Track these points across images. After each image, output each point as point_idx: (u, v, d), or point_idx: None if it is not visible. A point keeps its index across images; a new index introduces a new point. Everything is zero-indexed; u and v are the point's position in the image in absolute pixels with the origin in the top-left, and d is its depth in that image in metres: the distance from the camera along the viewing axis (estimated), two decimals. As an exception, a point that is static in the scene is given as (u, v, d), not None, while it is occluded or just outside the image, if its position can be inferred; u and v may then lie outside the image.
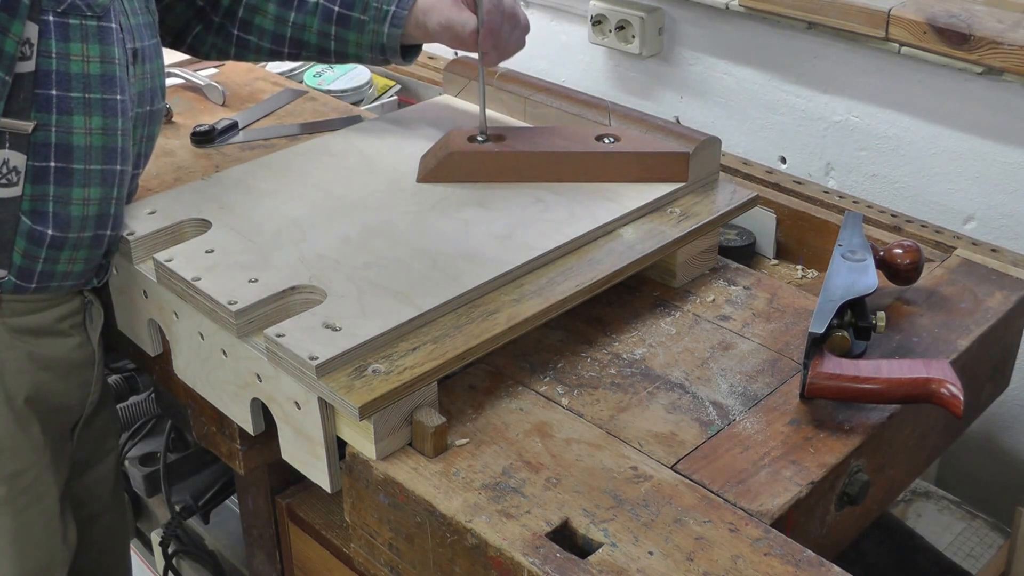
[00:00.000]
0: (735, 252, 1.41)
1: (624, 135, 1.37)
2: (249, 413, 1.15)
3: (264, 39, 1.43)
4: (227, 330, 1.11)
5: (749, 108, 1.84)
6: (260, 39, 1.43)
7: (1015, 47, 1.46)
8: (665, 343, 1.21)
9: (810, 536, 1.03)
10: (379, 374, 1.04)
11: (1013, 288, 1.29)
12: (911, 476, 1.28)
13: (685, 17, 1.88)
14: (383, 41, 1.39)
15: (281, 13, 1.41)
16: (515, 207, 1.29)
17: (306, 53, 1.45)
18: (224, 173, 1.38)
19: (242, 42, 1.44)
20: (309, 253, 1.19)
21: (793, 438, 1.07)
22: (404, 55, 1.42)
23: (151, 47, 1.25)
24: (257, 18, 1.42)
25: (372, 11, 1.38)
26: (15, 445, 1.23)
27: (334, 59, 1.45)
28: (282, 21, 1.42)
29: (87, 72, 1.13)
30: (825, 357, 1.08)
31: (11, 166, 1.12)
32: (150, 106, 1.25)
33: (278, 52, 1.45)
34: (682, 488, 1.01)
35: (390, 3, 1.38)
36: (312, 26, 1.41)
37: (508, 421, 1.10)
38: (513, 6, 1.32)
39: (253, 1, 1.42)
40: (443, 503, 0.99)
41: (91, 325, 1.27)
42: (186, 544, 1.74)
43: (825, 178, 1.78)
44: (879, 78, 1.66)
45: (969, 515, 1.56)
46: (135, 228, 1.23)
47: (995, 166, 1.59)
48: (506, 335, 1.12)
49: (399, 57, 1.42)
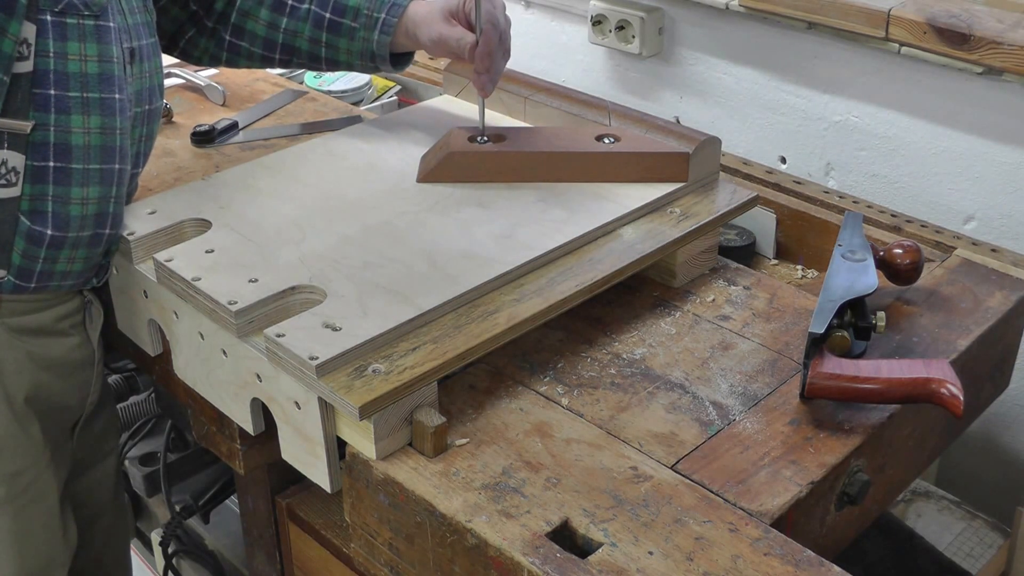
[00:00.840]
0: (735, 252, 1.41)
1: (624, 135, 1.37)
2: (249, 413, 1.15)
3: (256, 45, 1.44)
4: (227, 330, 1.11)
5: (749, 108, 1.84)
6: (252, 44, 1.44)
7: (1015, 47, 1.46)
8: (665, 343, 1.21)
9: (810, 536, 1.03)
10: (379, 374, 1.04)
11: (1013, 288, 1.29)
12: (911, 476, 1.28)
13: (685, 17, 1.88)
14: (373, 48, 1.40)
15: (273, 19, 1.42)
16: (515, 207, 1.29)
17: (297, 59, 1.45)
18: (224, 173, 1.38)
19: (234, 47, 1.45)
20: (309, 253, 1.19)
21: (793, 438, 1.07)
22: (395, 63, 1.43)
23: (149, 46, 1.25)
24: (249, 23, 1.43)
25: (363, 18, 1.39)
26: (15, 445, 1.23)
27: (325, 66, 1.46)
28: (274, 27, 1.42)
29: (85, 71, 1.13)
30: (825, 357, 1.08)
31: (10, 166, 1.12)
32: (148, 105, 1.25)
33: (269, 58, 1.46)
34: (682, 488, 1.01)
35: (380, 10, 1.39)
36: (303, 32, 1.42)
37: (508, 421, 1.10)
38: (506, 28, 1.33)
39: (245, 6, 1.43)
40: (443, 503, 0.99)
41: (91, 325, 1.27)
42: (186, 544, 1.74)
43: (825, 178, 1.78)
44: (879, 78, 1.66)
45: (969, 515, 1.56)
46: (135, 228, 1.23)
47: (995, 166, 1.59)
48: (506, 335, 1.12)
49: (389, 65, 1.43)
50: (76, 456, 1.35)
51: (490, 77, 1.31)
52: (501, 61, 1.32)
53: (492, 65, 1.31)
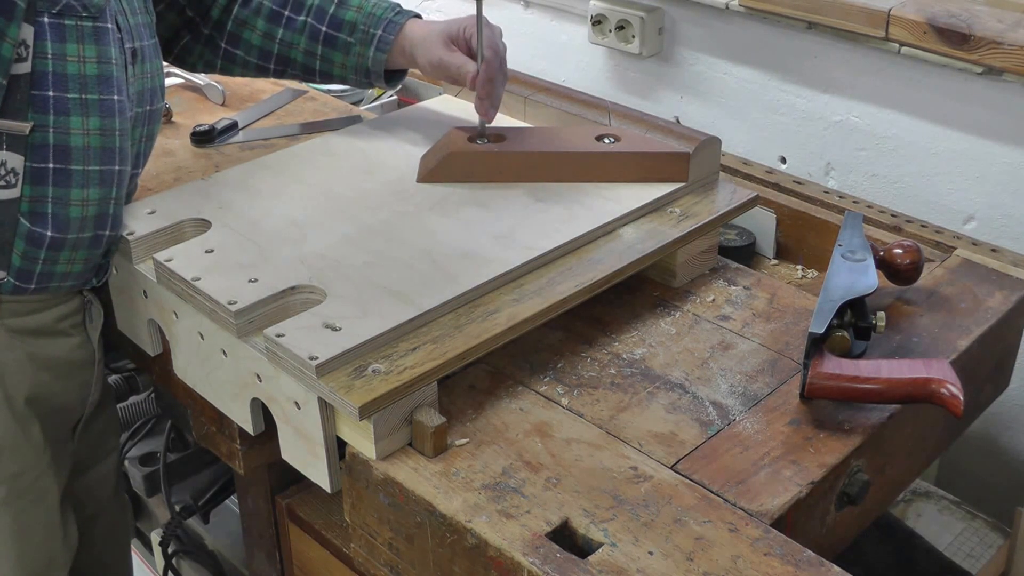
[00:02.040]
0: (735, 252, 1.41)
1: (624, 135, 1.37)
2: (249, 413, 1.15)
3: (251, 54, 1.44)
4: (227, 330, 1.11)
5: (749, 108, 1.84)
6: (247, 54, 1.44)
7: (1015, 47, 1.46)
8: (665, 343, 1.21)
9: (810, 536, 1.03)
10: (379, 374, 1.04)
11: (1013, 288, 1.29)
12: (911, 476, 1.28)
13: (685, 17, 1.88)
14: (368, 64, 1.40)
15: (269, 29, 1.42)
16: (515, 207, 1.29)
17: (291, 71, 1.45)
18: (224, 173, 1.38)
19: (229, 55, 1.44)
20: (309, 253, 1.19)
21: (793, 438, 1.07)
22: (388, 80, 1.44)
23: (150, 47, 1.25)
24: (246, 32, 1.42)
25: (359, 33, 1.39)
26: (16, 445, 1.23)
27: (319, 79, 1.45)
28: (270, 37, 1.42)
29: (83, 73, 1.13)
30: (825, 357, 1.08)
31: (9, 168, 1.11)
32: (150, 106, 1.25)
33: (264, 68, 1.45)
34: (682, 488, 1.01)
35: (377, 27, 1.39)
36: (299, 44, 1.41)
37: (508, 421, 1.10)
38: (504, 53, 1.34)
39: (242, 15, 1.42)
40: (443, 503, 0.99)
41: (91, 325, 1.27)
42: (186, 544, 1.74)
43: (825, 178, 1.78)
44: (879, 78, 1.66)
45: (969, 515, 1.56)
46: (135, 228, 1.23)
47: (995, 166, 1.59)
48: (506, 335, 1.12)
49: (383, 81, 1.43)
50: (76, 456, 1.35)
51: (492, 102, 1.34)
52: (501, 86, 1.35)
53: (494, 91, 1.33)
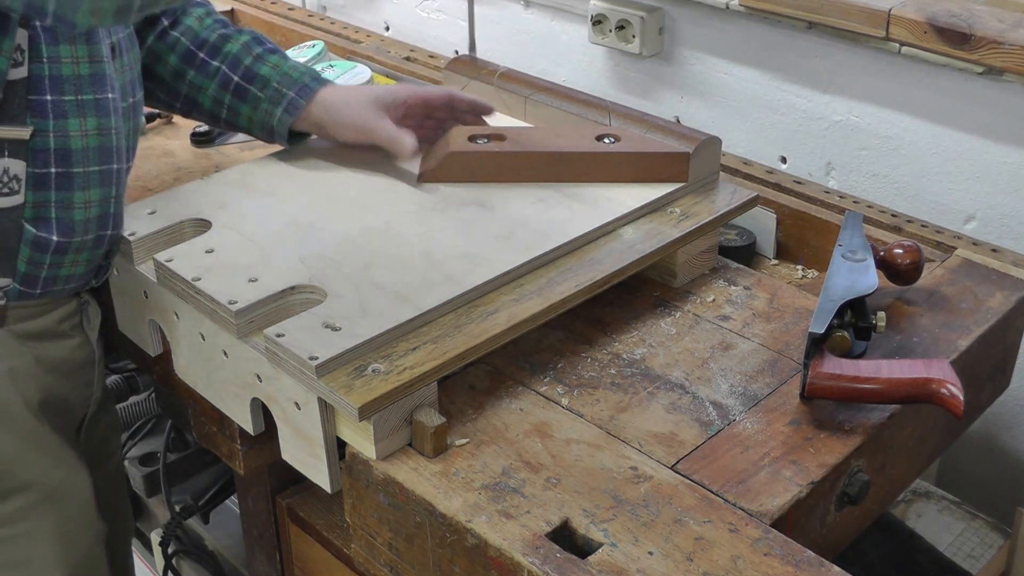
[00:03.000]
0: (735, 252, 1.41)
1: (624, 135, 1.37)
2: (249, 413, 1.15)
3: (160, 89, 1.39)
4: (227, 330, 1.11)
5: (749, 108, 1.84)
6: (156, 87, 1.39)
7: (1016, 47, 1.46)
8: (665, 343, 1.21)
9: (810, 536, 1.03)
10: (379, 374, 1.04)
11: (1013, 288, 1.29)
12: (911, 476, 1.27)
13: (685, 17, 1.87)
14: (273, 123, 1.36)
15: (180, 68, 1.37)
16: (515, 207, 1.29)
17: (197, 114, 1.41)
18: (224, 173, 1.38)
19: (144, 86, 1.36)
20: (309, 253, 1.19)
21: (793, 438, 1.07)
22: (291, 139, 1.40)
23: (126, 38, 1.23)
24: (158, 67, 1.38)
25: (271, 91, 1.35)
26: (40, 447, 1.23)
27: (223, 126, 1.42)
28: (179, 77, 1.38)
29: (77, 73, 1.13)
30: (825, 357, 1.08)
31: (11, 174, 1.11)
32: (132, 98, 1.24)
33: (171, 105, 1.41)
34: (682, 488, 1.01)
35: (291, 88, 1.35)
36: (208, 90, 1.37)
37: (508, 421, 1.10)
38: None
39: (157, 48, 1.37)
40: (443, 503, 0.99)
41: (89, 325, 1.27)
42: (186, 544, 1.74)
43: (825, 178, 1.78)
44: (879, 78, 1.66)
45: (969, 515, 1.56)
46: (135, 228, 1.23)
47: (995, 166, 1.59)
48: (506, 335, 1.12)
49: (285, 141, 1.39)
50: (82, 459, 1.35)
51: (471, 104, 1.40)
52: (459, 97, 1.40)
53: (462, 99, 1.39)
